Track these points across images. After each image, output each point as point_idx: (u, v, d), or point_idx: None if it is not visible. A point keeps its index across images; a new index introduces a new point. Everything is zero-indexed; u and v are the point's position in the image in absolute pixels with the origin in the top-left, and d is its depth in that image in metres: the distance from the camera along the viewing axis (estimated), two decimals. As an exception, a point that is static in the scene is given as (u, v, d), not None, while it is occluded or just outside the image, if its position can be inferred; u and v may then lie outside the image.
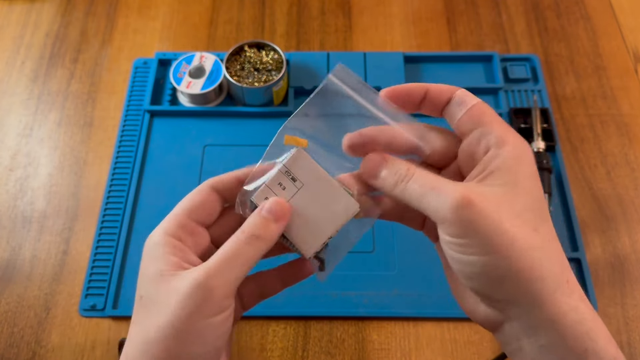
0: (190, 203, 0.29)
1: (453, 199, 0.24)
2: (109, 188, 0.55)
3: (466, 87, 0.64)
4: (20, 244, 0.53)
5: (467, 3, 0.69)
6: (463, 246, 0.24)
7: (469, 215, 0.23)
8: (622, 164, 0.57)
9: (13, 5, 0.69)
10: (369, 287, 0.49)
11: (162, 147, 0.58)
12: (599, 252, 0.52)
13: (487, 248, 0.23)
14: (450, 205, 0.24)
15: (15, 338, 0.49)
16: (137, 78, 0.62)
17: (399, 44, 0.66)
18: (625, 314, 0.49)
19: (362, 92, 0.29)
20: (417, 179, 0.26)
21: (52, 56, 0.65)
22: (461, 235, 0.24)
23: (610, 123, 0.60)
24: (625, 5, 0.68)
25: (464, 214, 0.23)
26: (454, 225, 0.24)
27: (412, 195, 0.26)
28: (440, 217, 0.24)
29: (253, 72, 0.57)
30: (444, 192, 0.24)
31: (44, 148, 0.59)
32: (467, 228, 0.24)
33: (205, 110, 0.59)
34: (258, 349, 0.48)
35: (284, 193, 0.29)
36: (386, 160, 0.27)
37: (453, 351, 0.48)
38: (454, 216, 0.24)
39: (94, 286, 0.50)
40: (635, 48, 0.65)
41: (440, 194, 0.24)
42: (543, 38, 0.66)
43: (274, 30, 0.67)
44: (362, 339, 0.48)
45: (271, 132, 0.30)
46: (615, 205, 0.55)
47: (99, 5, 0.69)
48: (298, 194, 0.29)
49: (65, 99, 0.62)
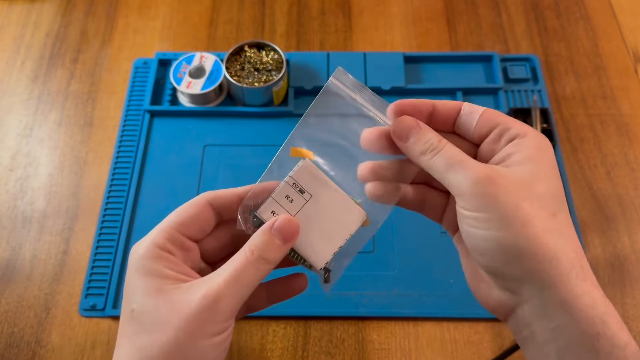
0: (183, 216, 0.28)
1: (477, 174, 0.25)
2: (109, 188, 0.55)
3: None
4: (21, 244, 0.53)
5: (467, 3, 0.69)
6: (481, 221, 0.25)
7: (490, 189, 0.24)
8: (622, 164, 0.57)
9: (13, 5, 0.69)
10: (369, 287, 0.49)
11: (162, 147, 0.58)
12: (599, 252, 0.52)
13: (505, 223, 0.24)
14: (473, 178, 0.25)
15: (15, 338, 0.49)
16: (137, 78, 0.62)
17: (399, 44, 0.66)
18: (625, 314, 0.49)
19: (362, 92, 0.29)
20: (445, 151, 0.26)
21: (52, 56, 0.65)
22: (480, 208, 0.24)
23: (610, 123, 0.60)
24: (625, 5, 0.68)
25: (485, 188, 0.24)
26: (474, 197, 0.25)
27: (437, 166, 0.26)
28: (461, 190, 0.25)
29: (253, 72, 0.57)
30: (469, 167, 0.25)
31: (44, 148, 0.59)
32: (487, 202, 0.24)
33: (205, 110, 0.59)
34: (258, 348, 0.48)
35: (291, 206, 0.28)
36: (420, 126, 0.28)
37: (453, 351, 0.48)
38: (475, 189, 0.24)
39: (94, 286, 0.50)
40: (635, 48, 0.65)
41: (466, 168, 0.25)
42: (543, 38, 0.66)
43: (274, 30, 0.67)
44: (362, 338, 0.48)
45: (271, 132, 0.30)
46: (615, 205, 0.55)
47: (99, 5, 0.69)
48: (307, 206, 0.28)
49: (65, 99, 0.62)
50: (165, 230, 0.27)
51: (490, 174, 0.25)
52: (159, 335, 0.24)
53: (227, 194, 0.29)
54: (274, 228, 0.27)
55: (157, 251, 0.26)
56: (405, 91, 0.60)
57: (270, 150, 0.56)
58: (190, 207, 0.28)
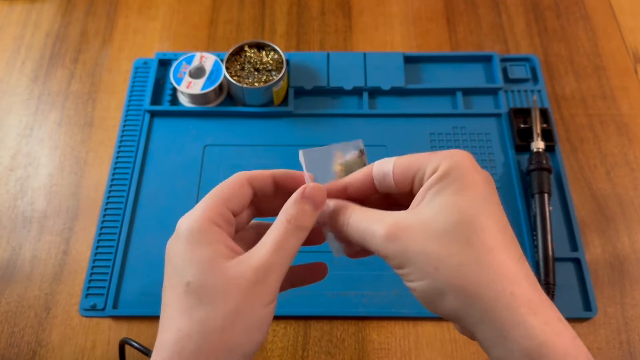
0: (228, 192, 0.29)
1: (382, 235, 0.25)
2: (109, 188, 0.55)
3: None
4: (21, 243, 0.53)
5: (467, 3, 0.69)
6: (405, 275, 0.25)
7: (398, 247, 0.25)
8: (622, 164, 0.57)
9: (13, 5, 0.69)
10: (369, 286, 0.50)
11: (162, 147, 0.58)
12: (599, 252, 0.52)
13: (421, 273, 0.24)
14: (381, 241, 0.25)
15: (15, 338, 0.49)
16: (137, 78, 0.62)
17: (399, 44, 0.66)
18: (625, 314, 0.49)
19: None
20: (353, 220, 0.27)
21: (53, 56, 0.65)
22: (400, 265, 0.25)
23: (610, 123, 0.60)
24: (625, 5, 0.68)
25: (394, 246, 0.25)
26: (391, 258, 0.25)
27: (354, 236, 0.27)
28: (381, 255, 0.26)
29: (253, 72, 0.58)
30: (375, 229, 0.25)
31: (45, 148, 0.59)
32: (400, 259, 0.25)
33: (206, 111, 0.59)
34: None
35: None
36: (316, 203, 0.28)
37: (453, 351, 0.48)
38: (387, 251, 0.25)
39: (94, 286, 0.50)
40: (634, 48, 0.65)
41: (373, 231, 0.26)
42: (543, 38, 0.66)
43: (274, 30, 0.67)
44: (362, 338, 0.48)
45: (271, 132, 0.31)
46: (614, 205, 0.55)
47: (99, 5, 0.69)
48: None
49: (65, 99, 0.62)
50: (216, 206, 0.28)
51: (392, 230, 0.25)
52: (220, 308, 0.25)
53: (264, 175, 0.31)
54: (304, 196, 0.28)
55: (209, 225, 0.27)
56: (405, 91, 0.60)
57: (270, 150, 0.57)
58: (235, 185, 0.30)
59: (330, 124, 0.58)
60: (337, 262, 0.50)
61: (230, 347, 0.25)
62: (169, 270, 0.27)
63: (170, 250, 0.27)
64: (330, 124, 0.58)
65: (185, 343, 0.25)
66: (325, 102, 0.61)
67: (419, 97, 0.61)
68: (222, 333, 0.25)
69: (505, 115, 0.58)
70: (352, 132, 0.57)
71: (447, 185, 0.25)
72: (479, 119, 0.59)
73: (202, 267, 0.26)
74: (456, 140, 0.57)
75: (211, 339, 0.25)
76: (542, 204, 0.51)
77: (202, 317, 0.25)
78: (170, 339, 0.25)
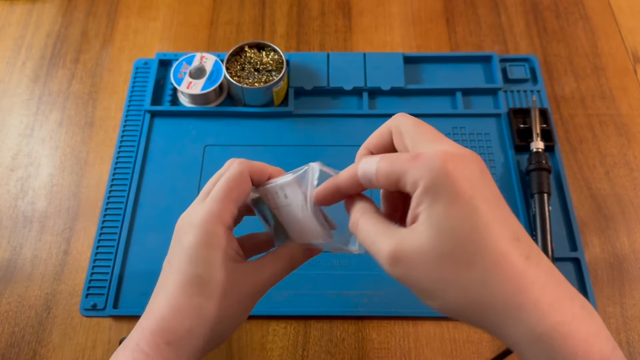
0: (237, 193, 0.32)
1: (385, 259, 0.26)
2: (110, 188, 0.55)
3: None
4: (21, 243, 0.53)
5: (466, 4, 0.69)
6: (415, 293, 0.26)
7: (402, 270, 0.25)
8: (621, 164, 0.57)
9: (14, 5, 0.69)
10: (369, 286, 0.50)
11: (162, 147, 0.58)
12: (598, 252, 0.52)
13: (430, 294, 0.25)
14: (385, 264, 0.26)
15: (16, 337, 0.49)
16: (137, 78, 0.62)
17: (398, 44, 0.66)
18: (624, 314, 0.49)
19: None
20: (361, 230, 0.28)
21: (53, 56, 0.65)
22: (408, 286, 0.26)
23: (609, 123, 0.60)
24: (624, 5, 0.68)
25: (398, 270, 0.25)
26: (397, 279, 0.26)
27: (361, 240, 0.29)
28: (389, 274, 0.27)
29: (253, 72, 0.58)
30: (380, 248, 0.26)
31: (45, 148, 0.59)
32: (406, 282, 0.26)
33: (206, 111, 0.59)
34: (258, 348, 0.48)
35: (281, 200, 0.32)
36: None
37: (452, 350, 0.48)
38: (392, 274, 0.26)
39: (94, 286, 0.50)
40: (634, 48, 0.65)
41: (377, 252, 0.26)
42: (542, 38, 0.66)
43: (274, 30, 0.67)
44: (361, 338, 0.48)
45: (271, 132, 0.31)
46: (614, 205, 0.55)
47: (99, 5, 0.69)
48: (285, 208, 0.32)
49: (66, 99, 0.62)
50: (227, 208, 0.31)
51: (394, 254, 0.25)
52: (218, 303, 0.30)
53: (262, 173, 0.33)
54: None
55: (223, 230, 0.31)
56: (405, 91, 0.60)
57: (270, 150, 0.57)
58: (241, 183, 0.32)
59: (330, 124, 0.59)
60: (338, 262, 0.50)
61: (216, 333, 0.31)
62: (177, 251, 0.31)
63: (183, 237, 0.31)
64: (330, 124, 0.59)
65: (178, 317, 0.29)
66: (325, 102, 0.61)
67: (419, 97, 0.61)
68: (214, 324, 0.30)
69: (505, 116, 0.59)
70: (352, 132, 0.58)
71: (434, 201, 0.24)
72: (478, 119, 0.59)
73: (214, 266, 0.30)
74: (456, 141, 0.57)
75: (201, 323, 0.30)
76: (542, 204, 0.51)
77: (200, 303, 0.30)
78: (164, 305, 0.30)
